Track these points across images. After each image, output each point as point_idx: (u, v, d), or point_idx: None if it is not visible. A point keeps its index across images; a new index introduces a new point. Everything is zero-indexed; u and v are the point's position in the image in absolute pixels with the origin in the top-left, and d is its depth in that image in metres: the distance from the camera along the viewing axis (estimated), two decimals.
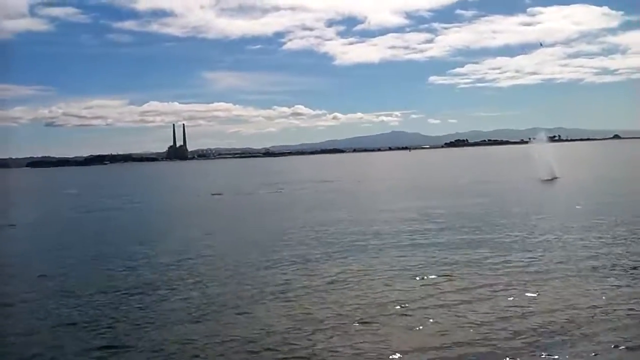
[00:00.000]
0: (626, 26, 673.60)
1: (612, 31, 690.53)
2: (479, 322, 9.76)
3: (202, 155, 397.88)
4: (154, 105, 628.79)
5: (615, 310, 10.07)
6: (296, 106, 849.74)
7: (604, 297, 10.92)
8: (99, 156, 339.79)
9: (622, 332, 8.98)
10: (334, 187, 48.42)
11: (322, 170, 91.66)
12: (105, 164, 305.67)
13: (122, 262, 16.74)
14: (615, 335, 8.86)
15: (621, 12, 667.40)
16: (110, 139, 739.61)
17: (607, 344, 8.56)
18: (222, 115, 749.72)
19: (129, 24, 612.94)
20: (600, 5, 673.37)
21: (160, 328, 10.33)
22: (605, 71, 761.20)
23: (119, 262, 16.85)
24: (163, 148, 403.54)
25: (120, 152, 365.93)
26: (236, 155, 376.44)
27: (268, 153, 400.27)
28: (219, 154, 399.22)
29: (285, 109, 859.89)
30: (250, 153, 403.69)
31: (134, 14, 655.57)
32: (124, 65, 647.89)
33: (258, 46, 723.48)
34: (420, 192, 39.07)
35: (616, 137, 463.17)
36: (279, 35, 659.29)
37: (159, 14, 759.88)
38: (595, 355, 8.20)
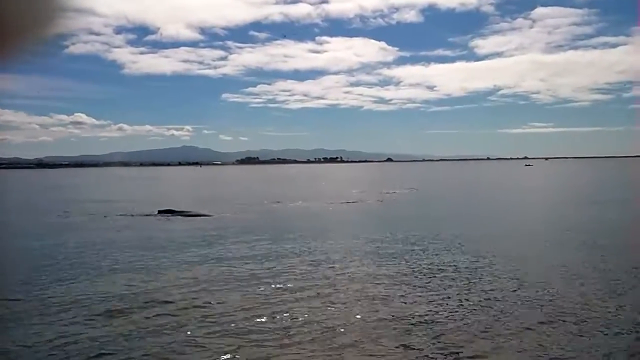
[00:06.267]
0: (400, 61, 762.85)
1: (388, 65, 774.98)
2: None
3: None
4: None
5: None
6: (77, 114, 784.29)
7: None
8: None
9: None
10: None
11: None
12: None
13: None
14: None
15: (396, 48, 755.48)
16: None
17: None
18: None
19: None
20: (379, 40, 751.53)
21: None
22: (382, 100, 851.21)
23: None
24: None
25: None
26: (1, 166, 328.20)
27: (41, 164, 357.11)
28: None
29: (63, 116, 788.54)
30: (19, 164, 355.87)
31: None
32: None
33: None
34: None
35: (389, 160, 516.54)
36: (61, 37, 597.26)
37: None
38: None
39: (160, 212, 29.27)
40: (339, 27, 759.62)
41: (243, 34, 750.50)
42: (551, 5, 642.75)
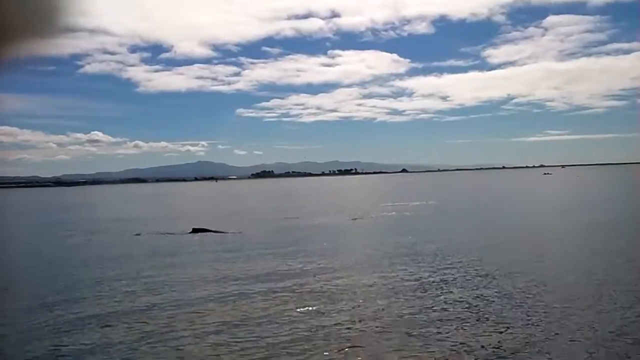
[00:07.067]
0: (412, 72, 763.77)
1: (400, 76, 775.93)
2: None
3: None
4: None
5: None
6: (93, 132, 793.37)
7: None
8: None
9: None
10: None
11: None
12: None
13: None
14: None
15: (408, 60, 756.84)
16: None
17: None
18: (4, 140, 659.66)
19: None
20: (391, 52, 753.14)
21: None
22: (395, 112, 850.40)
23: None
24: None
25: None
26: (20, 185, 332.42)
27: (59, 182, 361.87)
28: None
29: (80, 135, 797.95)
30: (37, 182, 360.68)
31: None
32: None
33: (52, 68, 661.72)
34: None
35: (404, 170, 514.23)
36: (76, 57, 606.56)
37: None
38: None
39: (194, 230, 29.32)
40: (350, 40, 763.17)
41: (256, 49, 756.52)
42: (563, 13, 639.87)
